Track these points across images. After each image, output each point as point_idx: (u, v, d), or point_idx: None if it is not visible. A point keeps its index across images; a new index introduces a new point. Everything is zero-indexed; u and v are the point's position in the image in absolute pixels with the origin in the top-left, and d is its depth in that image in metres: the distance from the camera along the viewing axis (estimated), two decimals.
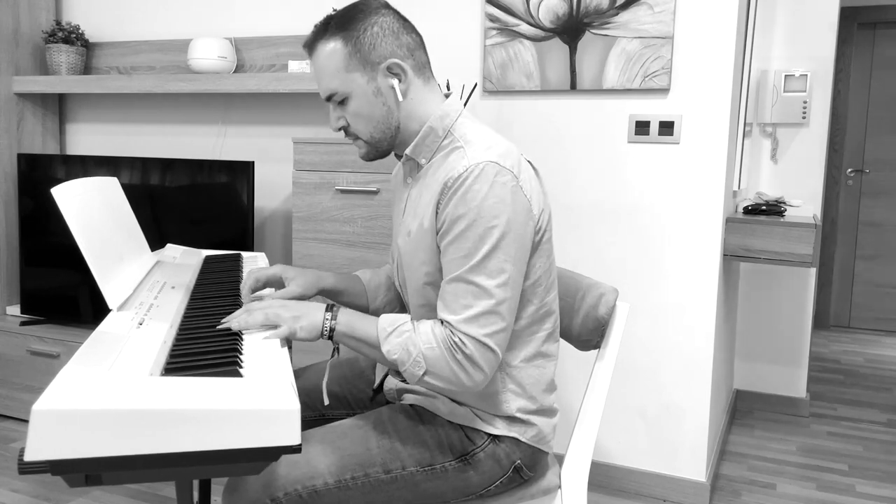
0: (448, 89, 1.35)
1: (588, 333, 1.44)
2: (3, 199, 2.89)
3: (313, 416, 1.47)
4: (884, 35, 4.42)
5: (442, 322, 1.18)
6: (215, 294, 1.40)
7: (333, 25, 1.23)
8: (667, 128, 2.18)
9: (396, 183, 1.45)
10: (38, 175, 2.79)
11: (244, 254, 1.85)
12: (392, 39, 1.23)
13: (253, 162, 2.47)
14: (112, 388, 0.85)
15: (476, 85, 2.39)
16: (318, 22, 1.27)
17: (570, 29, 2.24)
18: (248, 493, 1.16)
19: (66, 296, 2.78)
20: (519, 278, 1.19)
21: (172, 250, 1.78)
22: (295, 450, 0.86)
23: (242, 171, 2.47)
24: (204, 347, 1.06)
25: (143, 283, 1.40)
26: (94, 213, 1.29)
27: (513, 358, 1.28)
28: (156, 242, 2.62)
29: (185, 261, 1.68)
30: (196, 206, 2.56)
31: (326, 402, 1.29)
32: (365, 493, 1.21)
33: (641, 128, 2.21)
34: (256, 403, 0.85)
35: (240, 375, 0.95)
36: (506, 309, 1.17)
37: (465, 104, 1.84)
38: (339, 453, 1.21)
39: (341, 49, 1.22)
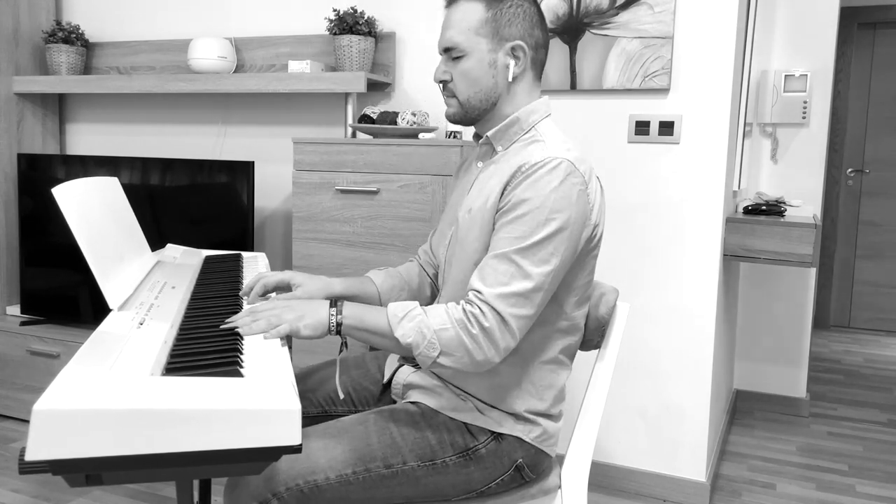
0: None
1: (588, 333, 1.44)
2: (3, 199, 2.89)
3: (315, 413, 1.47)
4: (884, 35, 4.43)
5: (470, 292, 1.18)
6: (216, 294, 1.40)
7: None
8: (667, 128, 2.18)
9: (464, 167, 1.49)
10: (38, 175, 2.79)
11: (244, 254, 1.85)
12: (528, 26, 1.30)
13: (253, 162, 2.47)
14: (113, 388, 0.85)
15: None
16: None
17: (570, 29, 2.24)
18: (250, 489, 1.16)
19: (66, 296, 2.78)
20: (559, 276, 1.22)
21: (172, 250, 1.78)
22: (295, 450, 0.86)
23: (242, 171, 2.47)
24: (204, 347, 1.06)
25: (144, 283, 1.40)
26: (94, 213, 1.29)
27: (533, 357, 1.29)
28: (156, 242, 2.62)
29: (186, 261, 1.68)
30: (196, 206, 2.56)
31: (342, 395, 1.29)
32: (366, 487, 1.21)
33: (641, 128, 2.21)
34: (257, 403, 0.85)
35: (240, 375, 0.95)
36: (538, 299, 1.19)
37: None
38: (340, 448, 1.22)
39: (482, 12, 1.28)
